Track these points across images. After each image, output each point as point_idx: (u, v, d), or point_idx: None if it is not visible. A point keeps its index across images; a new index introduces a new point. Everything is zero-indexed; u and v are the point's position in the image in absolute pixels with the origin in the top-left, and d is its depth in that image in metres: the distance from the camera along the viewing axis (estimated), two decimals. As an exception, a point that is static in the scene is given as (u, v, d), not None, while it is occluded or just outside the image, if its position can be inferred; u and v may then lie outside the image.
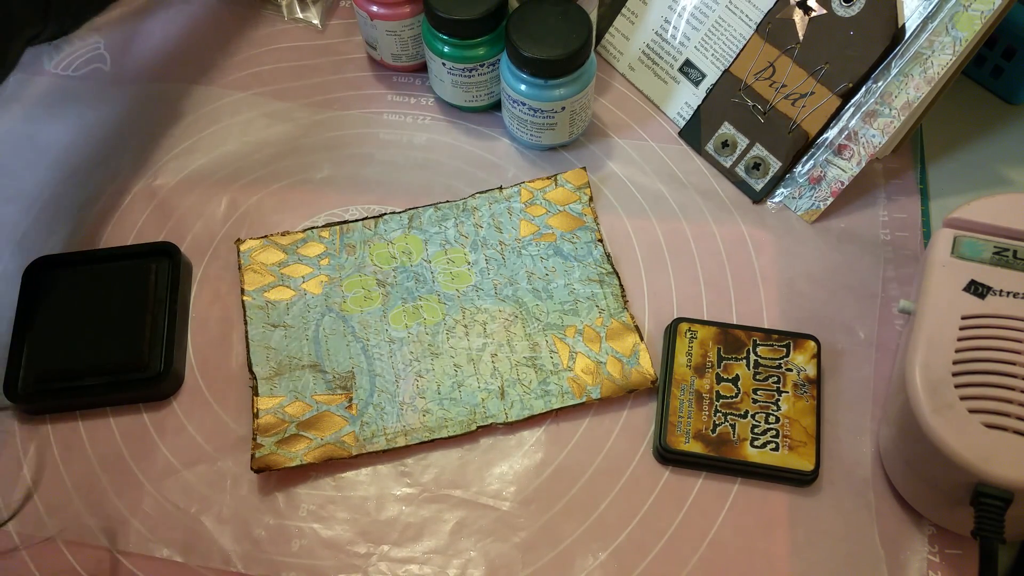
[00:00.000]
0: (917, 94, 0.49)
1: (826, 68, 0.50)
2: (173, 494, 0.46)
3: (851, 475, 0.45)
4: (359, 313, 0.50)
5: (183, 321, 0.51)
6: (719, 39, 0.54)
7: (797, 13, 0.51)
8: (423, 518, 0.45)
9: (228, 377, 0.49)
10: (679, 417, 0.46)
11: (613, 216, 0.54)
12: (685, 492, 0.45)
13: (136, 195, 0.56)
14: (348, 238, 0.53)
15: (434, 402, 0.47)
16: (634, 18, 0.58)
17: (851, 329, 0.49)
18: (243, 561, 0.44)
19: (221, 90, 0.60)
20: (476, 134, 0.57)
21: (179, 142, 0.58)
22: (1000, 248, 0.43)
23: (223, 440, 0.47)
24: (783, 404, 0.46)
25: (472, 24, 0.52)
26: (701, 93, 0.56)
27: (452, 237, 0.53)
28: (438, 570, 0.44)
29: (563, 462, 0.46)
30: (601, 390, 0.47)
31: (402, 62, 0.59)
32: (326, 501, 0.46)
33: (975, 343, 0.41)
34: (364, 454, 0.46)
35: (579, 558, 0.44)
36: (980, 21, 0.46)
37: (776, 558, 0.44)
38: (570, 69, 0.51)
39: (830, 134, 0.51)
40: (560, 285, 0.51)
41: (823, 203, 0.52)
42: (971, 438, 0.39)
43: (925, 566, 0.43)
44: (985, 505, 0.38)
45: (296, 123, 0.58)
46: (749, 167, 0.54)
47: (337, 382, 0.48)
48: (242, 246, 0.53)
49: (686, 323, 0.48)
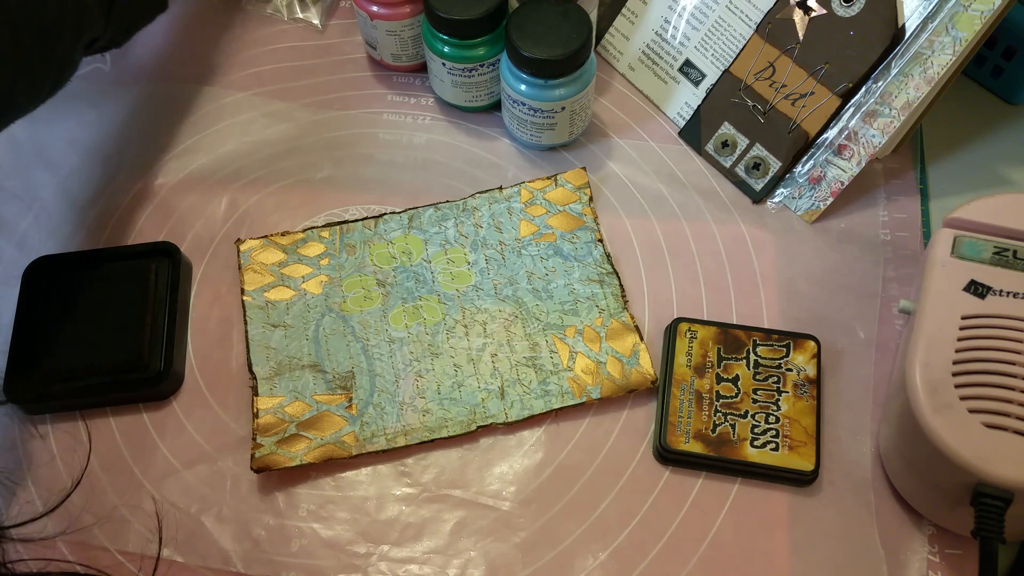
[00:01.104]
0: (917, 94, 0.49)
1: (826, 68, 0.50)
2: (173, 494, 0.46)
3: (851, 475, 0.45)
4: (359, 313, 0.50)
5: (183, 321, 0.51)
6: (719, 39, 0.54)
7: (797, 13, 0.51)
8: (423, 518, 0.45)
9: (228, 377, 0.49)
10: (679, 417, 0.46)
11: (613, 216, 0.54)
12: (685, 492, 0.45)
13: (136, 195, 0.56)
14: (348, 238, 0.53)
15: (434, 402, 0.47)
16: (634, 18, 0.58)
17: (851, 329, 0.49)
18: (243, 561, 0.44)
19: (221, 90, 0.60)
20: (476, 134, 0.57)
21: (179, 142, 0.58)
22: (1000, 248, 0.43)
23: (223, 440, 0.47)
24: (783, 404, 0.46)
25: (472, 24, 0.52)
26: (701, 93, 0.56)
27: (452, 237, 0.53)
28: (438, 570, 0.44)
29: (563, 462, 0.46)
30: (601, 390, 0.47)
31: (402, 62, 0.59)
32: (326, 501, 0.46)
33: (975, 343, 0.41)
34: (364, 454, 0.46)
35: (579, 558, 0.44)
36: (980, 21, 0.46)
37: (776, 558, 0.44)
38: (570, 69, 0.51)
39: (830, 134, 0.51)
40: (560, 285, 0.51)
41: (823, 203, 0.52)
42: (971, 438, 0.39)
43: (925, 566, 0.43)
44: (985, 505, 0.38)
45: (296, 123, 0.58)
46: (749, 167, 0.54)
47: (337, 382, 0.48)
48: (242, 246, 0.53)
49: (686, 323, 0.48)
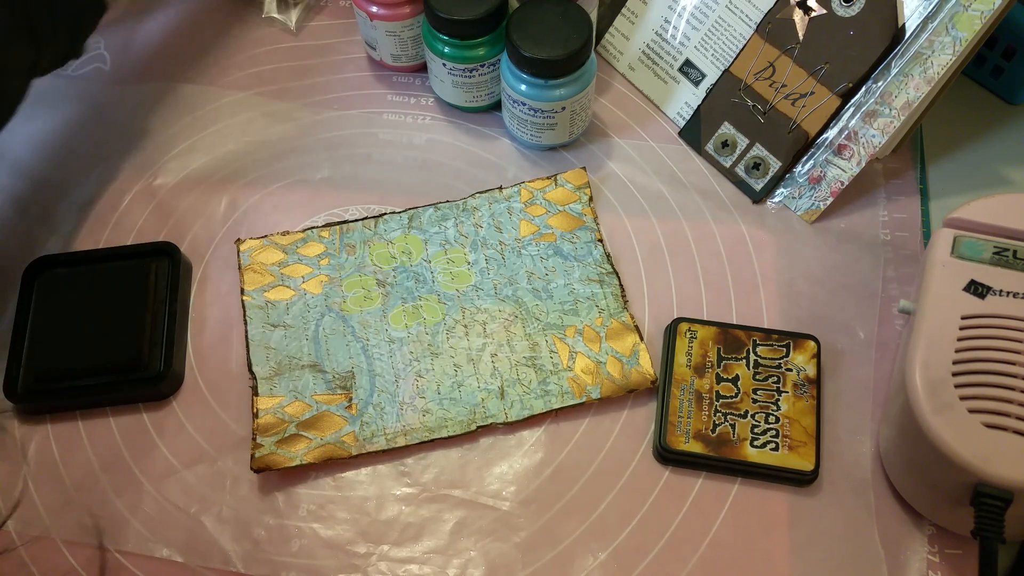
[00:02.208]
0: (917, 94, 0.49)
1: (826, 68, 0.50)
2: (173, 494, 0.46)
3: (851, 475, 0.45)
4: (359, 313, 0.50)
5: (183, 321, 0.51)
6: (719, 39, 0.54)
7: (797, 13, 0.51)
8: (423, 518, 0.45)
9: (228, 377, 0.49)
10: (679, 417, 0.46)
11: (613, 216, 0.54)
12: (685, 492, 0.45)
13: (136, 195, 0.56)
14: (348, 238, 0.53)
15: (434, 402, 0.47)
16: (634, 18, 0.58)
17: (851, 329, 0.49)
18: (243, 561, 0.44)
19: (221, 90, 0.60)
20: (476, 134, 0.57)
21: (179, 142, 0.58)
22: (1000, 248, 0.43)
23: (223, 440, 0.47)
24: (783, 404, 0.46)
25: (472, 24, 0.52)
26: (701, 93, 0.56)
27: (452, 237, 0.53)
28: (438, 570, 0.44)
29: (563, 462, 0.46)
30: (601, 390, 0.47)
31: (402, 62, 0.59)
32: (326, 501, 0.46)
33: (975, 343, 0.41)
34: (364, 454, 0.46)
35: (579, 558, 0.44)
36: (980, 21, 0.46)
37: (776, 558, 0.44)
38: (570, 69, 0.51)
39: (830, 134, 0.51)
40: (560, 285, 0.51)
41: (823, 203, 0.52)
42: (971, 438, 0.39)
43: (925, 566, 0.43)
44: (985, 505, 0.38)
45: (296, 123, 0.58)
46: (749, 167, 0.54)
47: (337, 382, 0.48)
48: (242, 246, 0.53)
49: (686, 323, 0.48)
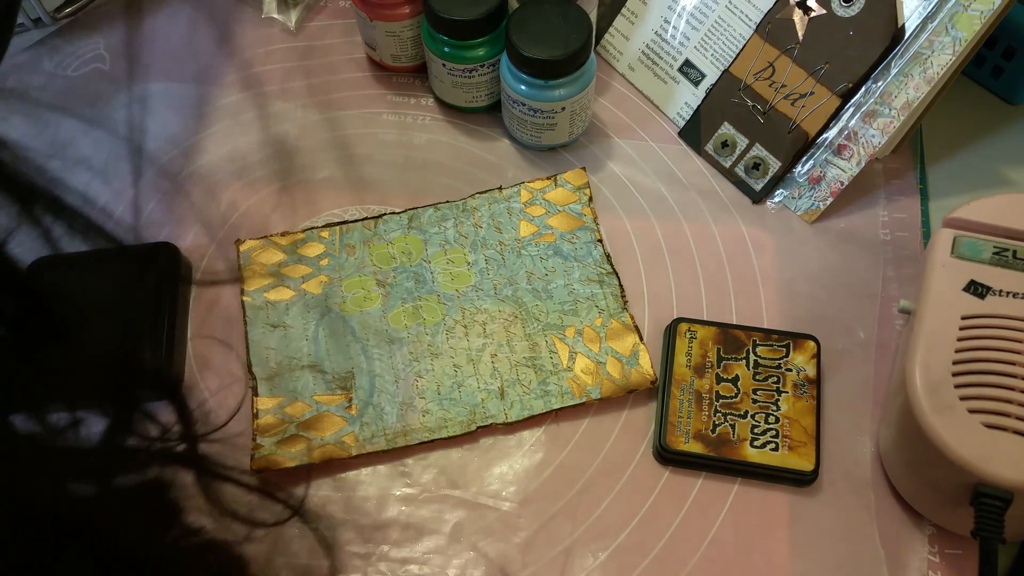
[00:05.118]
0: (917, 94, 0.49)
1: (826, 68, 0.50)
2: (173, 494, 0.46)
3: (851, 475, 0.45)
4: (359, 313, 0.50)
5: (183, 321, 0.51)
6: (719, 39, 0.54)
7: (797, 13, 0.51)
8: (423, 518, 0.45)
9: (228, 377, 0.49)
10: (679, 417, 0.46)
11: (613, 216, 0.54)
12: (685, 492, 0.45)
13: (136, 195, 0.55)
14: (348, 238, 0.53)
15: (434, 402, 0.47)
16: (634, 18, 0.58)
17: (851, 329, 0.49)
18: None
19: (221, 90, 0.60)
20: (476, 134, 0.57)
21: (179, 142, 0.58)
22: (1000, 248, 0.43)
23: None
24: (783, 404, 0.46)
25: (472, 25, 0.52)
26: (701, 93, 0.56)
27: (452, 237, 0.53)
28: (438, 570, 0.44)
29: (563, 462, 0.46)
30: (601, 390, 0.47)
31: (402, 63, 0.59)
32: (326, 501, 0.46)
33: (975, 343, 0.41)
34: (364, 454, 0.46)
35: (579, 558, 0.44)
36: (980, 21, 0.46)
37: (776, 558, 0.44)
38: (570, 69, 0.51)
39: (830, 134, 0.51)
40: (560, 285, 0.51)
41: (823, 203, 0.52)
42: (971, 438, 0.39)
43: (925, 566, 0.43)
44: (985, 505, 0.38)
45: (296, 123, 0.58)
46: (749, 167, 0.54)
47: (337, 382, 0.48)
48: (242, 246, 0.53)
49: (686, 323, 0.48)
